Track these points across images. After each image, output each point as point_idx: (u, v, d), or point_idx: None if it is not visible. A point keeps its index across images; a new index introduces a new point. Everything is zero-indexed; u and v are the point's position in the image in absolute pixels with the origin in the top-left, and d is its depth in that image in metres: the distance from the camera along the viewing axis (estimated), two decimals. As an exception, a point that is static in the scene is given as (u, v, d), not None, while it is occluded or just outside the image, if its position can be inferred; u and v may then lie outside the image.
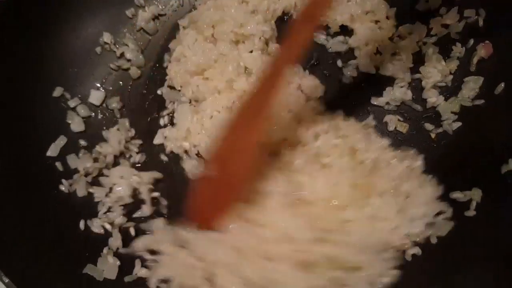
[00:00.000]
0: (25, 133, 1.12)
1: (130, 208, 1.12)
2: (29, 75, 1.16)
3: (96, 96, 1.26)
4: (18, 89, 1.14)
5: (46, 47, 1.19)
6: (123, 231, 1.09)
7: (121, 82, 1.30)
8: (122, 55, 1.31)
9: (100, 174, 1.16)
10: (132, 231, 1.09)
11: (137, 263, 1.03)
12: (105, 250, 1.04)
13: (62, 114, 1.21)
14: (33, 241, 0.98)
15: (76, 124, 1.21)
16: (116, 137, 1.20)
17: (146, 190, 1.14)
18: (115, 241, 1.06)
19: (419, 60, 1.22)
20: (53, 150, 1.15)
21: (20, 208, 1.01)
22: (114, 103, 1.25)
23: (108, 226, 1.08)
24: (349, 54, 1.27)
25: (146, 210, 1.12)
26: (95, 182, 1.15)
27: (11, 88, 1.12)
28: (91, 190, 1.13)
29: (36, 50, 1.17)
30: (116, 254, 1.04)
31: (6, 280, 0.86)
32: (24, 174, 1.07)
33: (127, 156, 1.21)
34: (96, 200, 1.12)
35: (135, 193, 1.14)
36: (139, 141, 1.22)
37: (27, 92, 1.16)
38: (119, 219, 1.10)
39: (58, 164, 1.14)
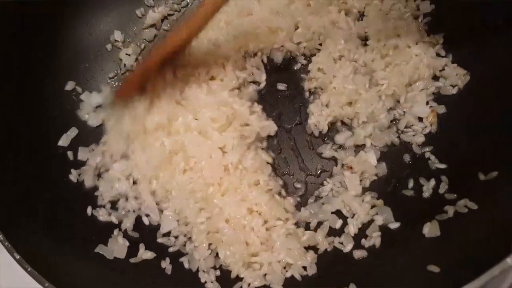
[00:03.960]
0: (39, 123, 1.17)
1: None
2: (43, 69, 1.22)
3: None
4: (33, 82, 1.19)
5: (60, 42, 1.26)
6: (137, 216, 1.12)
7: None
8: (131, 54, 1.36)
9: (107, 169, 1.18)
10: (145, 221, 1.11)
11: (141, 247, 1.06)
12: (115, 232, 1.07)
13: (74, 106, 1.26)
14: (45, 221, 1.02)
15: (93, 119, 1.25)
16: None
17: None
18: (126, 222, 1.09)
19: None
20: (64, 140, 1.19)
21: (32, 190, 1.05)
22: None
23: (113, 218, 1.10)
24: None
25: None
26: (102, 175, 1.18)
27: (27, 81, 1.18)
28: (97, 183, 1.16)
29: (51, 44, 1.24)
30: (126, 236, 1.07)
31: (18, 257, 0.88)
32: (37, 161, 1.11)
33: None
34: (96, 193, 1.14)
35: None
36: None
37: (41, 85, 1.21)
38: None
39: (69, 154, 1.18)
